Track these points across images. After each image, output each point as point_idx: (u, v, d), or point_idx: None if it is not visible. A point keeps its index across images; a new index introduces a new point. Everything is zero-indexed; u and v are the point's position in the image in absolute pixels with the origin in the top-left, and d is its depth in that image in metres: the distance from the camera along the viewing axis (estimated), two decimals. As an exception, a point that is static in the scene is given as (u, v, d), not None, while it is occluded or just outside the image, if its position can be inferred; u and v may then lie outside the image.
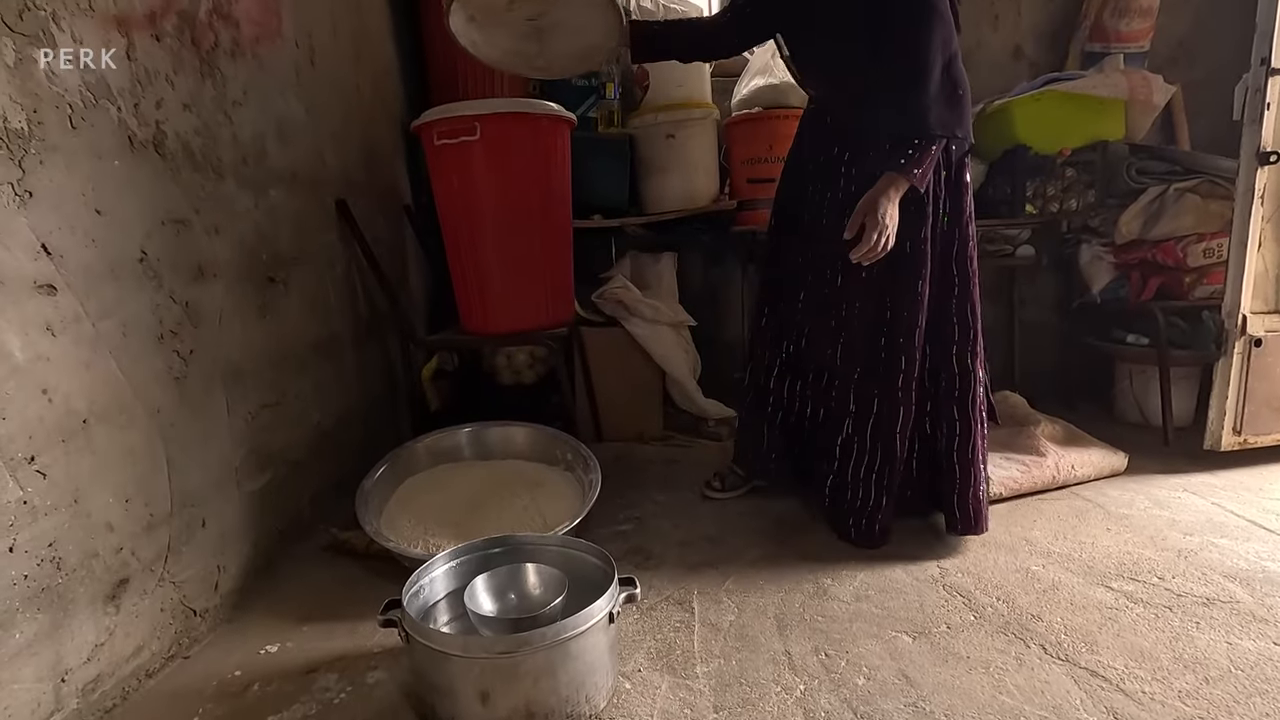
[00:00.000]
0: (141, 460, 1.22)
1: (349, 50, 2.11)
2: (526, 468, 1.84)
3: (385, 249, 2.24)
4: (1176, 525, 1.71)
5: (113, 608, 1.15)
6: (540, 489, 1.73)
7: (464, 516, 1.63)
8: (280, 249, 1.69)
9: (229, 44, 1.52)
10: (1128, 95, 2.46)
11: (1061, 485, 1.97)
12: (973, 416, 1.63)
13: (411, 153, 2.48)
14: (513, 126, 1.90)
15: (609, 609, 1.10)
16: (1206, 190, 2.37)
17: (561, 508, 1.66)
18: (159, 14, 1.31)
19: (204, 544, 1.38)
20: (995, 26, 2.92)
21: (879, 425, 1.63)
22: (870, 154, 1.56)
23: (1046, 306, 2.97)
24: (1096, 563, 1.54)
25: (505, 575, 1.26)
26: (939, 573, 1.53)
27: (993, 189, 2.68)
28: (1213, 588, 1.42)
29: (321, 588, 1.53)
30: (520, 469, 1.83)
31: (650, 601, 1.44)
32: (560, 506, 1.66)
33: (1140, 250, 2.46)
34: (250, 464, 1.54)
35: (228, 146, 1.50)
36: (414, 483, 1.78)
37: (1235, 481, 1.97)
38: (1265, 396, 2.05)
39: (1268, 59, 1.87)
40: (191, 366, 1.36)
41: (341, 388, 1.97)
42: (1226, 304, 2.01)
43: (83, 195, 1.13)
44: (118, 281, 1.19)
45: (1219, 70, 2.67)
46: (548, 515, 1.63)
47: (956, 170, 1.58)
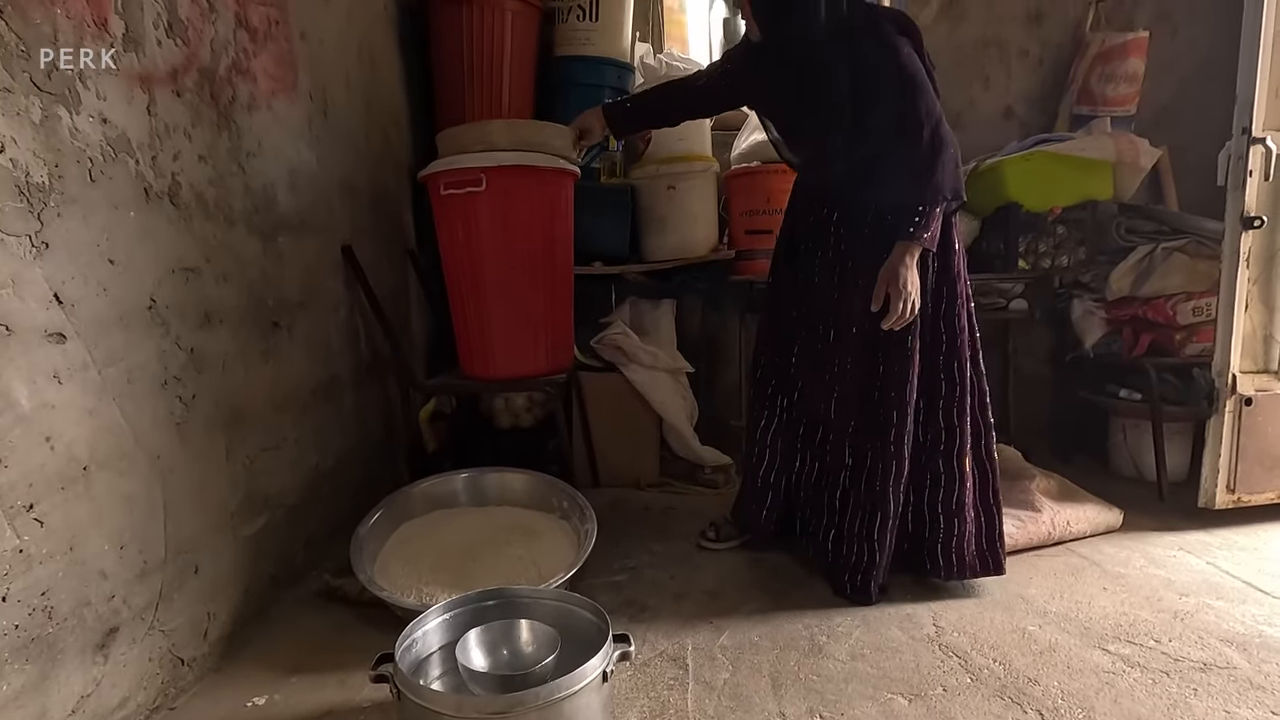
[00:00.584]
0: (139, 506, 1.23)
1: (361, 101, 2.17)
2: (523, 516, 1.84)
3: (388, 292, 2.27)
4: (1173, 585, 1.70)
5: (101, 657, 1.14)
6: (536, 539, 1.72)
7: (459, 565, 1.62)
8: (286, 294, 1.72)
9: (246, 98, 1.57)
10: (1115, 157, 2.53)
11: (1057, 541, 1.97)
12: (957, 470, 1.64)
13: (418, 199, 2.53)
14: (518, 179, 1.95)
15: (603, 668, 1.09)
16: (1194, 250, 2.42)
17: (556, 559, 1.65)
18: (181, 71, 1.36)
19: (196, 591, 1.37)
20: (987, 87, 3.02)
21: (873, 479, 1.64)
22: (863, 216, 1.61)
23: (1040, 359, 3.00)
24: (1093, 624, 1.53)
25: (498, 631, 1.25)
26: (935, 631, 1.52)
27: (986, 244, 2.73)
28: (1209, 652, 1.41)
29: (313, 636, 1.51)
30: (516, 517, 1.83)
31: (644, 657, 1.42)
32: (555, 557, 1.65)
33: (1131, 307, 2.50)
34: (247, 508, 1.54)
35: (239, 196, 1.54)
36: (409, 529, 1.77)
37: (1230, 540, 1.97)
38: (1257, 455, 2.07)
39: (1248, 128, 1.94)
40: (193, 411, 1.37)
41: (340, 430, 1.98)
42: (1216, 363, 2.05)
43: (97, 245, 1.15)
44: (126, 329, 1.21)
45: (1204, 135, 2.75)
46: (542, 566, 1.62)
47: (944, 229, 1.63)
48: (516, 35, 2.51)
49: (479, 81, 2.49)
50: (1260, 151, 1.94)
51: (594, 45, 2.62)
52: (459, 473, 1.93)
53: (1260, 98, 1.93)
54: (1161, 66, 2.94)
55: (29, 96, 1.04)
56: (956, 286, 1.65)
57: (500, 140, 1.93)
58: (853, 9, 1.55)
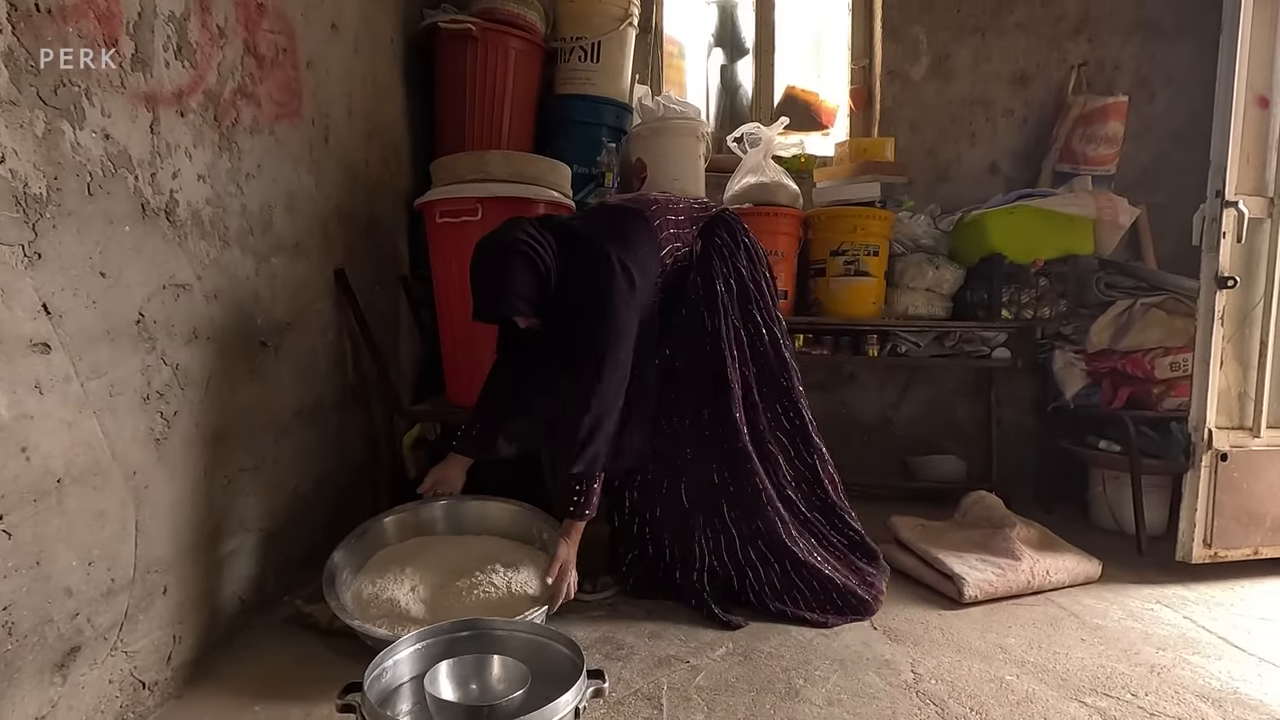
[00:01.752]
0: (111, 523, 1.21)
1: (362, 128, 2.21)
2: (502, 546, 1.81)
3: (379, 318, 2.27)
4: (1150, 639, 1.70)
5: (59, 678, 1.11)
6: (515, 570, 1.70)
7: (433, 595, 1.59)
8: (275, 314, 1.72)
9: (249, 121, 1.60)
10: (1095, 214, 2.61)
11: (1036, 590, 1.96)
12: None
13: (414, 227, 2.56)
14: (513, 209, 1.97)
15: (575, 703, 1.07)
16: (1171, 306, 2.49)
17: (533, 591, 1.63)
18: (186, 92, 1.38)
19: (163, 612, 1.34)
20: (973, 143, 3.11)
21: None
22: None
23: (1023, 409, 3.04)
24: (1071, 675, 1.53)
25: (469, 665, 1.22)
26: (913, 678, 1.50)
27: (971, 293, 2.79)
28: (1185, 708, 1.40)
29: (280, 664, 1.48)
30: (495, 547, 1.81)
31: (618, 695, 1.40)
32: (532, 590, 1.63)
33: (1110, 360, 2.55)
34: (221, 529, 1.52)
35: (236, 216, 1.55)
36: (385, 556, 1.74)
37: (1207, 595, 1.98)
38: (1234, 511, 2.09)
39: (1222, 191, 2.01)
40: (174, 428, 1.36)
41: (322, 454, 1.97)
42: (1192, 419, 2.08)
43: (90, 259, 1.16)
44: (112, 343, 1.21)
45: (1181, 196, 2.85)
46: (519, 598, 1.60)
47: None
48: (518, 72, 2.58)
49: (480, 115, 2.54)
50: (1233, 214, 2.01)
51: (594, 85, 2.69)
52: (439, 500, 1.91)
53: (1233, 163, 2.01)
54: (1140, 130, 3.05)
55: (34, 110, 1.05)
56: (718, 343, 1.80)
57: (497, 171, 1.96)
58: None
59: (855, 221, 2.69)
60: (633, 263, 1.63)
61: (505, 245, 1.59)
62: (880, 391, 3.11)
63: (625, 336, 1.61)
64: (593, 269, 1.60)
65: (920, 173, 3.06)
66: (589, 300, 1.60)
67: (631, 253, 1.64)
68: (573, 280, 1.62)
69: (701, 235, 1.83)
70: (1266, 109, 2.09)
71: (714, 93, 3.29)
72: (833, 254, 2.73)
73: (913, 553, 2.07)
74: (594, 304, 1.60)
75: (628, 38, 2.75)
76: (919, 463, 2.96)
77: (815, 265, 2.82)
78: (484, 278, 1.59)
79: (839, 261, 2.72)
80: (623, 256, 1.62)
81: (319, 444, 1.95)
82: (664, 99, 2.80)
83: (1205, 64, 2.63)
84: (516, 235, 1.60)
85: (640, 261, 1.66)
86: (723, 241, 1.83)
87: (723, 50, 3.26)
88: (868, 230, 2.69)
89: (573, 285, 1.62)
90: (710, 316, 1.79)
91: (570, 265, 1.63)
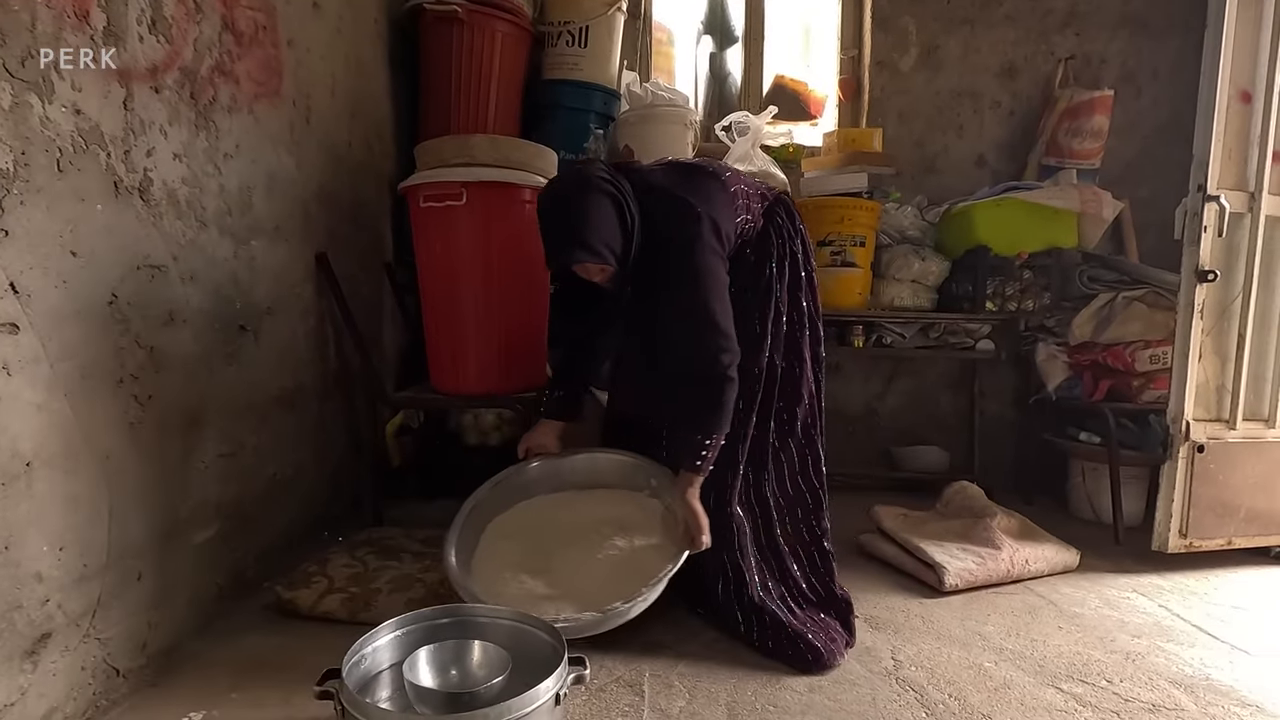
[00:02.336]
0: (83, 508, 1.18)
1: (345, 110, 2.18)
2: (612, 500, 1.67)
3: (362, 303, 2.25)
4: (1126, 627, 1.73)
5: (30, 665, 1.09)
6: (632, 531, 1.58)
7: (555, 569, 1.53)
8: (255, 298, 1.69)
9: (227, 100, 1.56)
10: (1080, 208, 2.63)
11: (1015, 579, 1.99)
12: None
13: (398, 212, 2.53)
14: (499, 194, 1.96)
15: (555, 690, 1.07)
16: (1152, 300, 2.51)
17: (658, 551, 1.52)
18: (161, 69, 1.35)
19: (138, 599, 1.32)
20: (960, 135, 3.12)
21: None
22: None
23: (1005, 401, 3.06)
24: (1048, 662, 1.55)
25: (449, 650, 1.22)
26: (893, 665, 1.52)
27: (956, 285, 2.80)
28: (1159, 694, 1.43)
29: (258, 651, 1.46)
30: (607, 504, 1.66)
31: (600, 682, 1.40)
32: (657, 550, 1.53)
33: (1092, 352, 2.57)
34: (198, 515, 1.50)
35: (214, 196, 1.52)
36: (496, 529, 1.64)
37: (1182, 584, 2.01)
38: (1209, 502, 2.12)
39: (1204, 185, 2.03)
40: (148, 412, 1.33)
41: (302, 440, 1.94)
42: (1171, 410, 2.10)
43: (60, 237, 1.13)
44: (83, 323, 1.18)
45: (1164, 190, 2.88)
46: (645, 562, 1.50)
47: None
48: (505, 56, 2.54)
49: (466, 99, 2.50)
50: (1214, 209, 2.03)
51: (582, 70, 2.66)
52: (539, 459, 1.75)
53: (1215, 157, 2.03)
54: (1126, 124, 3.07)
55: (0, 83, 1.02)
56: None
57: (482, 155, 1.93)
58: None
59: (842, 212, 2.69)
60: (719, 220, 1.49)
61: (588, 183, 1.43)
62: (865, 382, 3.13)
63: (723, 292, 1.48)
64: (679, 222, 1.46)
65: (908, 164, 3.06)
66: (675, 257, 1.46)
67: (716, 211, 1.50)
68: (653, 233, 1.47)
69: (764, 214, 1.67)
70: (1249, 104, 2.11)
71: (703, 81, 3.26)
72: (820, 244, 2.73)
73: (894, 542, 2.08)
74: (681, 261, 1.45)
75: (616, 23, 2.72)
76: (902, 453, 2.98)
77: (802, 255, 2.81)
78: (564, 218, 1.42)
79: (826, 252, 2.71)
80: (710, 212, 1.48)
81: (300, 431, 1.93)
82: (652, 86, 2.78)
83: (1190, 60, 2.65)
84: (598, 174, 1.45)
85: (722, 223, 1.51)
86: (782, 223, 1.68)
87: (712, 38, 3.24)
88: (855, 221, 2.69)
89: (654, 239, 1.47)
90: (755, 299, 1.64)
91: (648, 217, 1.48)
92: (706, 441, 1.47)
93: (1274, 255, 2.17)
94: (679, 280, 1.47)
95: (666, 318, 1.52)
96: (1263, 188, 2.10)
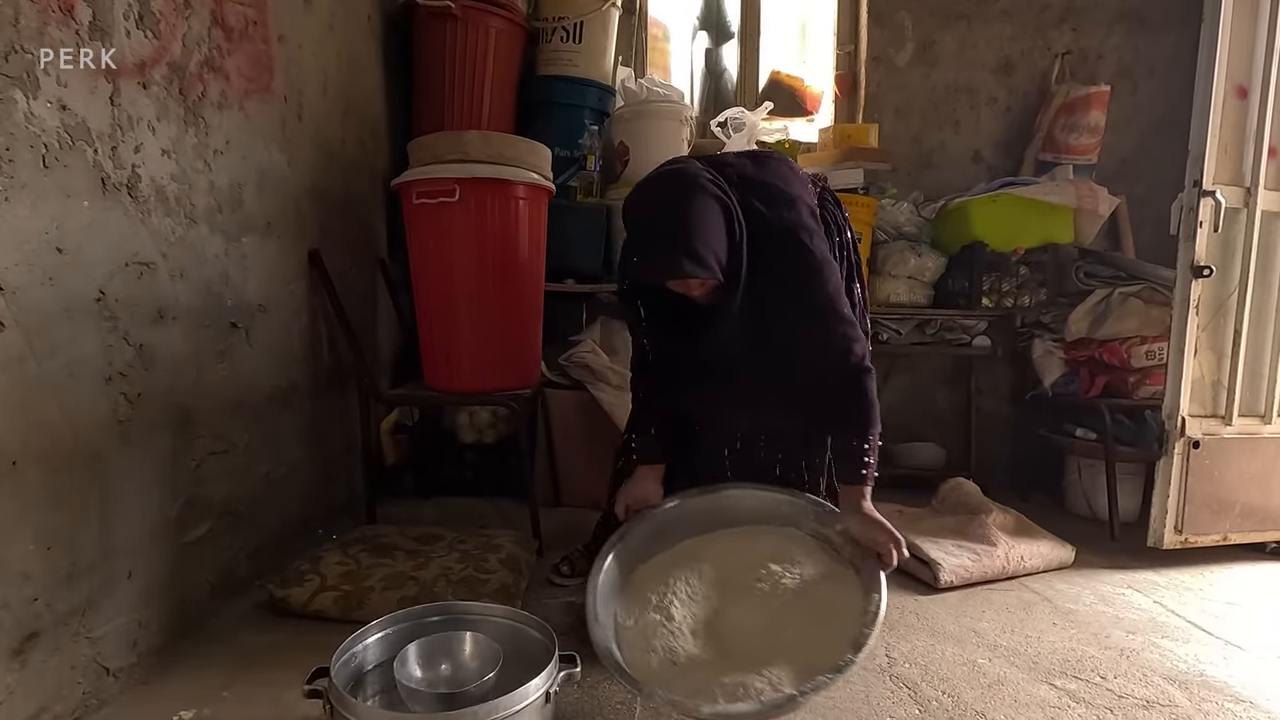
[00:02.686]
0: (71, 506, 1.18)
1: (338, 106, 2.16)
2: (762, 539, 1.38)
3: (355, 300, 2.24)
4: (1120, 623, 1.73)
5: (17, 664, 1.08)
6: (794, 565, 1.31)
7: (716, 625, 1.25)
8: (246, 296, 1.69)
9: (217, 95, 1.55)
10: (1076, 203, 2.62)
11: (1011, 576, 1.98)
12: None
13: (391, 209, 2.52)
14: (492, 191, 1.95)
15: (546, 688, 1.07)
16: (1149, 296, 2.50)
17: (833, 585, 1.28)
18: (149, 64, 1.34)
19: (127, 597, 1.31)
20: (957, 131, 3.11)
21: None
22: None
23: (1002, 397, 3.06)
24: (1042, 658, 1.54)
25: (439, 644, 1.21)
26: (887, 662, 1.51)
27: (952, 281, 2.79)
28: (1153, 690, 1.42)
29: (249, 650, 1.46)
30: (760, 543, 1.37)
31: (593, 679, 1.39)
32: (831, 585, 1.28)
33: (1088, 348, 2.57)
34: (189, 514, 1.49)
35: (203, 193, 1.51)
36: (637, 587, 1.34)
37: (1177, 580, 2.01)
38: (1204, 498, 2.12)
39: (1200, 181, 2.03)
40: (138, 410, 1.32)
41: (295, 438, 1.93)
42: (1166, 406, 2.10)
43: (46, 234, 1.12)
44: (70, 321, 1.17)
45: (1160, 186, 2.87)
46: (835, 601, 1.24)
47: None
48: (499, 53, 2.53)
49: (459, 96, 2.50)
50: (1210, 204, 2.02)
51: (577, 66, 2.65)
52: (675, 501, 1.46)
53: (1211, 153, 2.02)
54: (1122, 120, 3.06)
55: (-17, 78, 1.01)
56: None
57: (475, 152, 1.93)
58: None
59: (838, 208, 2.68)
60: (810, 200, 1.41)
61: (693, 183, 1.27)
62: (861, 379, 3.12)
63: (838, 279, 1.36)
64: (779, 213, 1.33)
65: (904, 160, 3.06)
66: (784, 252, 1.32)
67: (803, 192, 1.41)
68: (754, 235, 1.32)
69: (817, 198, 1.58)
70: (1245, 99, 2.10)
71: (698, 77, 3.25)
72: (815, 241, 2.72)
73: (890, 538, 2.08)
74: (794, 256, 1.32)
75: (611, 19, 2.71)
76: (898, 450, 2.98)
77: (798, 252, 2.80)
78: (663, 220, 1.25)
79: (822, 248, 2.70)
80: (801, 195, 1.39)
81: (293, 429, 1.92)
82: (648, 82, 2.77)
83: (1186, 55, 2.64)
84: (701, 173, 1.29)
85: (812, 204, 1.43)
86: (833, 211, 1.61)
87: (708, 34, 3.22)
88: (851, 217, 2.66)
89: (755, 241, 1.32)
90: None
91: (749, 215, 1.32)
92: (865, 445, 1.33)
93: (1270, 250, 2.17)
94: (794, 276, 1.33)
95: (788, 321, 1.36)
96: (1259, 183, 2.10)
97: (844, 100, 3.19)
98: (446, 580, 1.64)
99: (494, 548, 1.80)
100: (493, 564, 1.72)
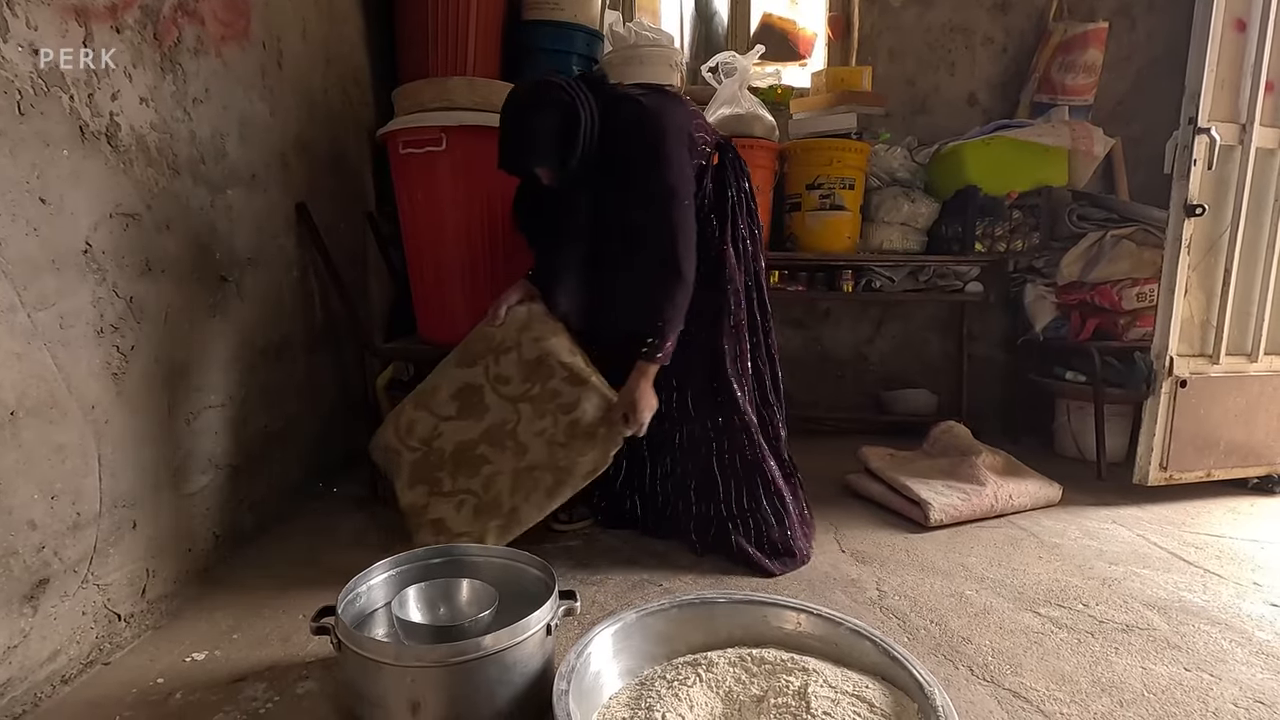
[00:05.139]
0: (72, 457, 1.19)
1: (319, 55, 2.11)
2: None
3: (345, 254, 2.22)
4: (1103, 555, 1.78)
5: (29, 609, 1.11)
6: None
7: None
8: (235, 249, 1.67)
9: (193, 41, 1.51)
10: (1071, 145, 2.60)
11: (999, 514, 2.03)
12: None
13: (378, 161, 2.48)
14: (480, 139, 1.91)
15: (546, 620, 1.10)
16: (1141, 238, 2.50)
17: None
18: (120, 7, 1.30)
19: (134, 547, 1.34)
20: (952, 73, 3.05)
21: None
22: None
23: (994, 342, 3.08)
24: (1027, 589, 1.59)
25: (438, 588, 1.25)
26: (878, 595, 1.56)
27: (945, 227, 2.78)
28: (1132, 615, 1.48)
29: (258, 597, 1.49)
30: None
31: (592, 616, 1.43)
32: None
33: (1080, 292, 2.58)
34: (189, 466, 1.51)
35: (185, 143, 1.48)
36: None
37: (1161, 515, 2.06)
38: (1190, 435, 2.16)
39: (1195, 118, 2.01)
40: (132, 363, 1.33)
41: (292, 392, 1.94)
42: (1155, 346, 2.12)
43: (27, 183, 1.10)
44: (59, 273, 1.16)
45: (1156, 127, 2.84)
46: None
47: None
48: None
49: (443, 43, 2.43)
50: (1204, 141, 2.01)
51: (563, 10, 2.57)
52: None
53: (1207, 89, 1.99)
54: (1120, 58, 3.01)
55: (-50, 19, 0.98)
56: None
57: (461, 99, 1.89)
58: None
59: (831, 154, 2.65)
60: (684, 129, 1.60)
61: (539, 94, 1.55)
62: (854, 327, 3.13)
63: (687, 189, 1.58)
64: (640, 126, 1.56)
65: (898, 104, 3.01)
66: (638, 158, 1.56)
67: (678, 122, 1.61)
68: (615, 138, 1.58)
69: (717, 149, 1.77)
70: (1243, 33, 2.07)
71: (688, 20, 3.17)
72: (808, 188, 2.70)
73: (881, 480, 2.12)
74: (646, 161, 1.56)
75: (598, -41, 2.63)
76: (891, 397, 3.01)
77: (791, 200, 2.79)
78: (511, 126, 1.56)
79: (814, 195, 2.69)
80: (677, 119, 1.60)
81: (288, 383, 1.93)
82: (636, 26, 2.70)
83: (1187, -12, 2.58)
84: (554, 83, 1.56)
85: (687, 134, 1.62)
86: (733, 159, 1.79)
87: (697, -25, 3.14)
88: (843, 163, 2.65)
89: (616, 143, 1.58)
90: (719, 222, 1.72)
91: (610, 124, 1.58)
92: (653, 341, 1.55)
93: (1264, 188, 2.16)
94: (653, 186, 1.55)
95: (639, 217, 1.59)
96: (1254, 119, 2.08)
97: (837, 43, 3.12)
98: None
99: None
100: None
